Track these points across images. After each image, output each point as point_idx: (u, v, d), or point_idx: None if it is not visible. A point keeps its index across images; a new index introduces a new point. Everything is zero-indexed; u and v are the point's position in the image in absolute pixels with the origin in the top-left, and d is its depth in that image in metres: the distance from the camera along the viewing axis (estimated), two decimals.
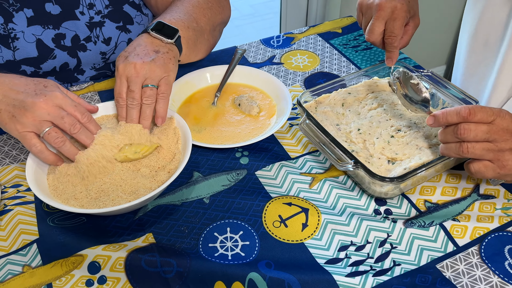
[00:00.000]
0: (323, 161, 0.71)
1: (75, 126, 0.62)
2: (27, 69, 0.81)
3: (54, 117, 0.61)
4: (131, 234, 0.61)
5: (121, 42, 0.88)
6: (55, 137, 0.61)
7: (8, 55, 0.78)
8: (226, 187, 0.67)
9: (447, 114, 0.58)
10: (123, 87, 0.67)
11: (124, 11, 0.87)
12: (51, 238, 0.60)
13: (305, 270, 0.56)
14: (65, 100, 0.63)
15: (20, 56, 0.79)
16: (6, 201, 0.65)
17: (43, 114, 0.60)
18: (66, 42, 0.83)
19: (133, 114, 0.67)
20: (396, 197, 0.65)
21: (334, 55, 0.94)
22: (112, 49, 0.87)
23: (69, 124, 0.62)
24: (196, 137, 0.74)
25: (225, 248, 0.59)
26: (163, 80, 0.67)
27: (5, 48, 0.78)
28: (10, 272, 0.57)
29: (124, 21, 0.87)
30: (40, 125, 0.61)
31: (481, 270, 0.56)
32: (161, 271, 0.56)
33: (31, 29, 0.79)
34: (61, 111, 0.62)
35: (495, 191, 0.65)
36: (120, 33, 0.86)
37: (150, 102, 0.67)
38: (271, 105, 0.80)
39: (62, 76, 0.86)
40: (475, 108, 0.56)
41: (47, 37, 0.81)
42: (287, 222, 0.62)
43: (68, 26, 0.82)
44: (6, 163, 0.71)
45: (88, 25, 0.83)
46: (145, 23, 0.91)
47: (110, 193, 0.61)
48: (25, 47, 0.79)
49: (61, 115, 0.61)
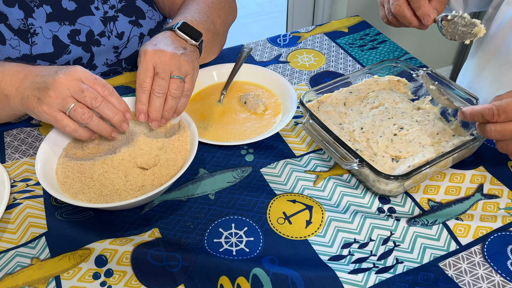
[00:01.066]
0: (328, 159, 0.71)
1: (96, 99, 0.60)
2: (42, 63, 0.82)
3: (75, 91, 0.60)
4: (137, 229, 0.62)
5: (133, 37, 0.89)
6: (81, 113, 0.60)
7: (25, 49, 0.80)
8: (231, 184, 0.68)
9: (473, 116, 0.58)
10: (149, 72, 0.64)
11: (136, 6, 0.88)
12: (59, 231, 0.62)
13: (308, 267, 0.57)
14: (85, 74, 0.61)
15: (37, 51, 0.81)
16: (15, 194, 0.66)
17: (64, 89, 0.59)
18: (81, 38, 0.84)
19: (156, 103, 0.64)
20: (399, 195, 0.66)
21: (340, 54, 0.94)
22: (125, 43, 0.88)
23: (90, 98, 0.60)
24: (203, 134, 0.75)
25: (230, 243, 0.60)
26: (189, 76, 0.67)
27: (23, 42, 0.79)
28: (19, 264, 0.58)
29: (137, 15, 0.88)
30: (65, 102, 0.60)
31: (484, 269, 0.56)
32: (167, 265, 0.57)
33: (49, 25, 0.80)
34: (81, 85, 0.60)
35: (498, 191, 0.66)
36: (132, 27, 0.88)
37: (178, 95, 0.65)
38: (277, 104, 0.81)
39: None
40: (499, 109, 0.55)
41: (63, 33, 0.82)
42: (291, 219, 0.63)
43: (83, 22, 0.84)
44: (16, 158, 0.72)
45: (102, 19, 0.85)
46: (156, 18, 0.92)
47: (117, 188, 0.62)
48: (43, 42, 0.80)
49: (82, 89, 0.60)
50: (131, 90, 0.85)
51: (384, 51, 0.95)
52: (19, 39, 0.79)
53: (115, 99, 0.63)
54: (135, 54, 0.92)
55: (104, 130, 0.64)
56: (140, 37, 0.90)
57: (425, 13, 0.72)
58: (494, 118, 0.56)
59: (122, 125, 0.64)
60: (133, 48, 0.91)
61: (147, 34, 0.91)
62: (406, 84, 0.79)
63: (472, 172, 0.68)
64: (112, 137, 0.65)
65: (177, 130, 0.70)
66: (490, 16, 0.90)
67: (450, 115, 0.73)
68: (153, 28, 0.92)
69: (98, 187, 0.62)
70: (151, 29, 0.91)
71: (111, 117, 0.62)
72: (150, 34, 0.91)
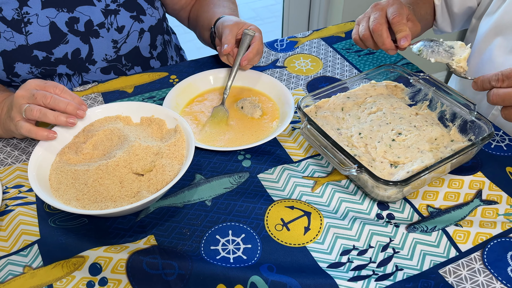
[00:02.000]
0: (326, 165, 0.71)
1: (46, 97, 0.65)
2: (39, 54, 0.82)
3: (27, 98, 0.66)
4: (132, 236, 0.61)
5: (133, 32, 0.88)
6: (33, 110, 0.64)
7: (21, 40, 0.79)
8: (228, 190, 0.67)
9: (483, 82, 0.65)
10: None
11: (137, 3, 0.89)
12: (52, 239, 0.60)
13: (307, 274, 0.56)
14: (36, 82, 0.67)
15: (33, 40, 0.80)
16: (7, 201, 0.65)
17: (19, 100, 0.66)
18: (80, 27, 0.83)
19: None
20: (398, 201, 0.65)
21: (337, 59, 0.94)
22: (124, 38, 0.88)
23: (40, 98, 0.65)
24: (199, 140, 0.74)
25: (227, 251, 0.59)
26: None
27: (16, 33, 0.79)
28: (11, 272, 0.57)
29: (138, 11, 0.88)
30: (21, 109, 0.66)
31: (484, 275, 0.56)
32: (163, 273, 0.56)
33: (45, 11, 0.80)
34: (33, 91, 0.66)
35: (497, 197, 0.65)
36: (133, 22, 0.88)
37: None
38: (274, 109, 0.80)
39: (73, 65, 0.86)
40: (503, 75, 0.63)
41: (60, 20, 0.82)
42: (289, 226, 0.62)
43: (82, 11, 0.83)
44: (8, 164, 0.71)
45: (103, 11, 0.85)
46: (156, 16, 0.92)
47: (112, 195, 0.61)
48: (38, 30, 0.80)
49: (32, 93, 0.65)
50: (127, 95, 0.84)
51: (381, 56, 0.95)
52: (12, 31, 0.78)
53: (67, 95, 0.68)
54: (134, 50, 0.91)
55: (59, 120, 0.66)
56: (140, 32, 0.90)
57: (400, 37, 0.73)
58: (498, 83, 0.63)
59: (78, 112, 0.67)
60: (132, 44, 0.90)
61: (148, 30, 0.90)
62: (404, 90, 0.79)
63: (470, 178, 0.68)
64: (70, 122, 0.67)
65: (173, 135, 0.69)
66: (474, 27, 0.91)
67: (448, 120, 0.73)
68: (153, 25, 0.92)
69: (92, 194, 0.61)
70: (152, 26, 0.91)
71: (64, 108, 0.66)
72: (150, 30, 0.91)
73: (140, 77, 0.89)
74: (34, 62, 0.82)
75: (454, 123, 0.72)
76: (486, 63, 0.85)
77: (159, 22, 0.93)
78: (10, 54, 0.80)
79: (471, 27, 0.93)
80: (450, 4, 0.92)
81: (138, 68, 0.95)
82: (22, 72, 0.82)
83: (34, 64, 0.82)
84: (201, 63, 0.92)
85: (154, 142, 0.67)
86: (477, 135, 0.68)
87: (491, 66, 0.84)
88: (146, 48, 0.93)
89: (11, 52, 0.79)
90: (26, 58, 0.81)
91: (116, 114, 0.73)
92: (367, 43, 0.79)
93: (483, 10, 0.88)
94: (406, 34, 0.73)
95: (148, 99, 0.83)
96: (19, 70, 0.82)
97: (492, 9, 0.85)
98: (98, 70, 0.89)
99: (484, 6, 0.88)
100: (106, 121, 0.71)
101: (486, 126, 0.67)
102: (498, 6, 0.83)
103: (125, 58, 0.91)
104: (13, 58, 0.80)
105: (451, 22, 0.96)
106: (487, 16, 0.86)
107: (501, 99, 0.63)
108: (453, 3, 0.92)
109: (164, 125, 0.71)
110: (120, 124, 0.71)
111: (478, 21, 0.90)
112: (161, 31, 0.96)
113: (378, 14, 0.76)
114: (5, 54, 0.80)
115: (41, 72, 0.84)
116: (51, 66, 0.84)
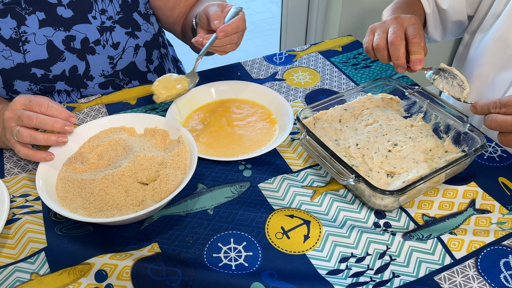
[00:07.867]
0: (324, 175, 0.73)
1: (30, 118, 0.65)
2: (37, 71, 0.83)
3: (15, 120, 0.66)
4: (137, 244, 0.62)
5: (129, 48, 0.90)
6: (23, 135, 0.65)
7: (19, 58, 0.81)
8: (230, 199, 0.69)
9: (482, 108, 0.67)
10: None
11: (133, 18, 0.90)
12: (58, 246, 0.62)
13: (307, 281, 0.58)
14: (21, 100, 0.67)
15: (31, 58, 0.82)
16: (14, 210, 0.67)
17: (9, 122, 0.66)
18: (76, 45, 0.85)
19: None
20: (395, 210, 0.67)
21: (334, 73, 0.96)
22: (120, 54, 0.90)
23: (26, 120, 0.65)
24: (201, 150, 0.76)
25: (229, 258, 0.61)
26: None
27: (15, 52, 0.81)
28: (19, 279, 0.58)
29: (133, 27, 0.90)
30: (12, 132, 0.66)
31: (478, 282, 0.58)
32: (167, 280, 0.58)
33: (42, 30, 0.82)
34: (19, 112, 0.66)
35: (490, 206, 0.67)
36: (128, 38, 0.89)
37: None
38: (273, 120, 0.83)
39: (71, 81, 0.88)
40: (501, 103, 0.64)
41: (57, 38, 0.83)
42: (289, 234, 0.64)
43: (79, 29, 0.85)
44: (15, 173, 0.73)
45: (99, 28, 0.86)
46: (151, 31, 0.94)
47: (118, 203, 0.63)
48: (35, 49, 0.82)
49: (18, 115, 0.65)
50: (131, 106, 0.86)
51: (377, 69, 0.98)
52: (10, 50, 0.80)
53: (54, 110, 0.67)
54: (131, 65, 0.93)
55: (50, 141, 0.67)
56: (136, 48, 0.91)
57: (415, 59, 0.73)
58: (496, 109, 0.65)
59: (65, 128, 0.68)
60: (128, 59, 0.92)
61: (143, 46, 0.92)
62: (399, 102, 0.82)
63: (464, 188, 0.70)
64: (62, 142, 0.68)
65: (176, 145, 0.71)
66: (468, 42, 0.93)
67: (442, 132, 0.75)
68: (149, 40, 0.93)
69: (98, 202, 0.63)
70: (147, 41, 0.93)
71: (51, 127, 0.66)
72: (145, 45, 0.93)
73: (143, 88, 0.91)
74: (32, 79, 0.84)
75: (448, 135, 0.74)
76: (478, 79, 0.87)
77: (154, 37, 0.95)
78: (9, 72, 0.81)
79: (464, 42, 0.96)
80: (442, 14, 0.94)
81: (135, 82, 0.97)
82: (21, 89, 0.84)
83: (33, 81, 0.84)
84: (202, 76, 0.94)
85: (158, 153, 0.69)
86: (470, 146, 0.70)
87: (483, 83, 0.86)
88: (142, 62, 0.95)
89: (10, 70, 0.81)
90: (25, 75, 0.83)
91: (121, 125, 0.75)
92: (379, 53, 0.77)
93: (476, 26, 0.91)
94: (421, 58, 0.73)
95: (151, 110, 0.85)
96: (18, 88, 0.84)
97: (485, 26, 0.87)
98: (96, 85, 0.91)
99: (477, 22, 0.91)
100: (111, 132, 0.73)
101: (479, 137, 0.69)
102: (491, 23, 0.86)
103: (122, 73, 0.93)
104: (12, 76, 0.82)
105: (441, 31, 0.98)
106: (480, 33, 0.89)
107: (498, 126, 0.64)
108: (445, 13, 0.93)
109: (168, 136, 0.73)
110: (125, 134, 0.73)
111: (472, 36, 0.93)
112: (157, 46, 0.97)
113: (398, 28, 0.74)
114: (4, 72, 0.81)
115: (40, 89, 0.86)
116: (50, 83, 0.86)
